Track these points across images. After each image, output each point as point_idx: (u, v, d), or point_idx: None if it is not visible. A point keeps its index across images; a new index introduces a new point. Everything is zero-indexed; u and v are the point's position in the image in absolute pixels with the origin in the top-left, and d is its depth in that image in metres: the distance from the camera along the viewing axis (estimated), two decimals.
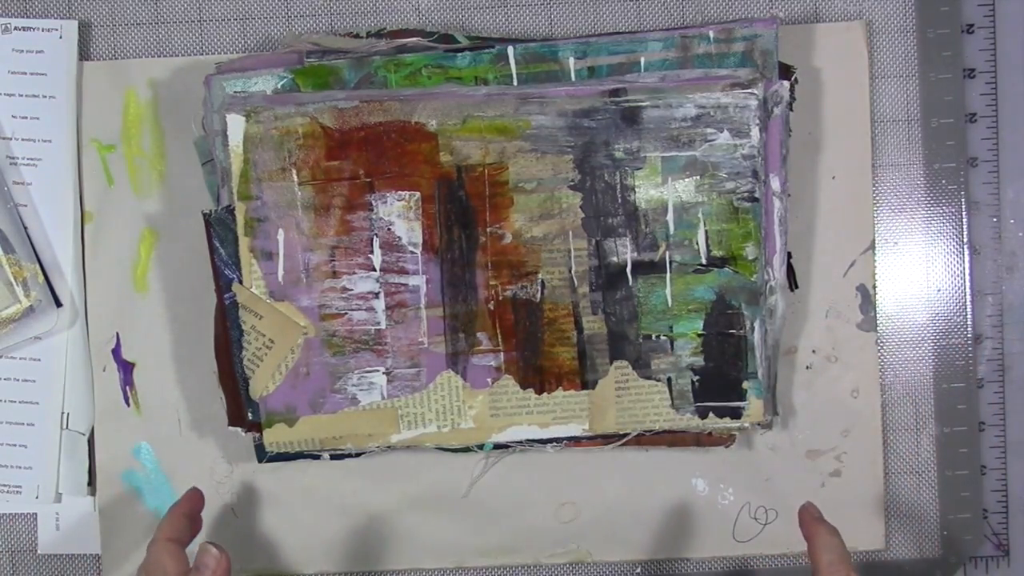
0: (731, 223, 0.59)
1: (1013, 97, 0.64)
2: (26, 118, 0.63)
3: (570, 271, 0.59)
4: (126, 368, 0.64)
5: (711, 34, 0.59)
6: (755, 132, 0.58)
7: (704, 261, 0.59)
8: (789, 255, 0.61)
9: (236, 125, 0.58)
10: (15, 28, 0.63)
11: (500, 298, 0.59)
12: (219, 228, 0.60)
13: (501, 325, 0.60)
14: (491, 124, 0.58)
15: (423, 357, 0.60)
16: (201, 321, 0.63)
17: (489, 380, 0.60)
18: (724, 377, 0.60)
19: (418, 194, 0.59)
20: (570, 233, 0.59)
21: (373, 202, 0.59)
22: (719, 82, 0.58)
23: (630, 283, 0.59)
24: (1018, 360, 0.64)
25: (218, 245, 0.60)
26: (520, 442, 0.61)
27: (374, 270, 0.59)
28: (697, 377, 0.60)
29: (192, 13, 0.64)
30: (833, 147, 0.63)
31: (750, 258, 0.59)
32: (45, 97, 0.63)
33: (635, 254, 0.59)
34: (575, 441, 0.61)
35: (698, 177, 0.58)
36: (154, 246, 0.63)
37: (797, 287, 0.63)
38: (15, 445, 0.63)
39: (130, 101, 0.63)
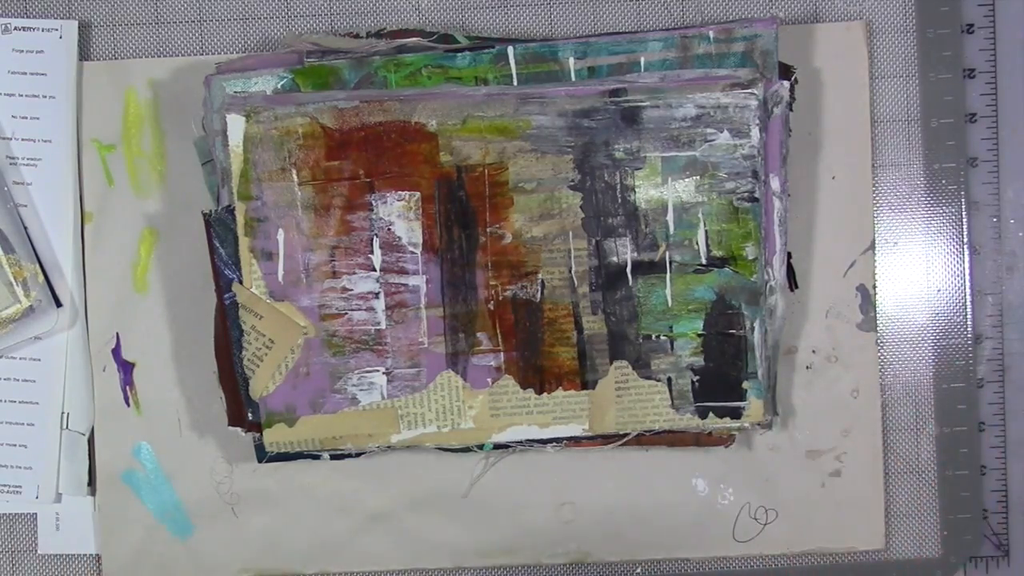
0: (731, 223, 0.59)
1: (1013, 97, 0.64)
2: (26, 118, 0.63)
3: (570, 271, 0.59)
4: (126, 368, 0.64)
5: (711, 34, 0.59)
6: (755, 132, 0.58)
7: (704, 261, 0.59)
8: (789, 255, 0.61)
9: (236, 125, 0.58)
10: (15, 28, 0.63)
11: (500, 298, 0.59)
12: (219, 228, 0.60)
13: (501, 325, 0.59)
14: (491, 124, 0.58)
15: (423, 357, 0.60)
16: (201, 321, 0.63)
17: (489, 380, 0.60)
18: (724, 377, 0.60)
19: (418, 194, 0.59)
20: (570, 233, 0.59)
21: (373, 202, 0.59)
22: (719, 82, 0.58)
23: (630, 283, 0.59)
24: (1018, 360, 0.64)
25: (218, 245, 0.60)
26: (520, 442, 0.61)
27: (374, 270, 0.59)
28: (697, 377, 0.60)
29: (192, 13, 0.64)
30: (833, 147, 0.63)
31: (750, 258, 0.59)
32: (45, 97, 0.63)
33: (635, 254, 0.59)
34: (575, 441, 0.61)
35: (698, 177, 0.58)
36: (154, 246, 0.63)
37: (797, 287, 0.63)
38: (15, 445, 0.63)
39: (130, 101, 0.63)
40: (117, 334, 0.63)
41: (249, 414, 0.61)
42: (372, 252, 0.59)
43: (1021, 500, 0.64)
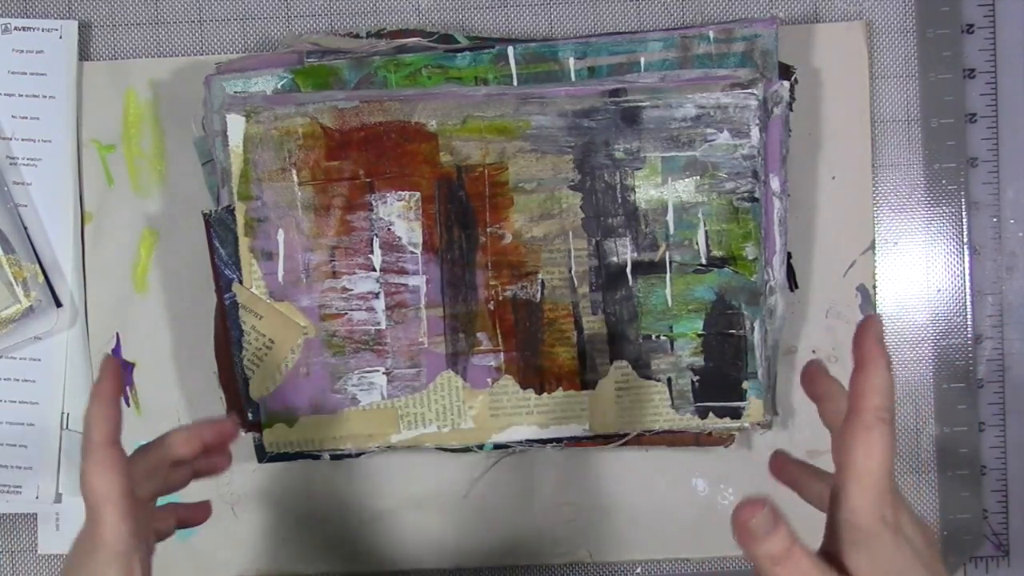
0: (731, 223, 0.59)
1: (1013, 97, 0.64)
2: (26, 118, 0.63)
3: (570, 271, 0.59)
4: (126, 368, 0.64)
5: (711, 34, 0.59)
6: (755, 132, 0.58)
7: (704, 261, 0.59)
8: (789, 255, 0.61)
9: (236, 125, 0.58)
10: (15, 28, 0.63)
11: (500, 298, 0.59)
12: (219, 228, 0.60)
13: (501, 325, 0.59)
14: (491, 124, 0.58)
15: (423, 357, 0.60)
16: (201, 321, 0.63)
17: (489, 380, 0.60)
18: (724, 377, 0.60)
19: (418, 194, 0.59)
20: (570, 233, 0.59)
21: (373, 202, 0.59)
22: (719, 82, 0.58)
23: (630, 283, 0.59)
24: (1018, 360, 0.64)
25: (218, 245, 0.60)
26: (520, 442, 0.61)
27: (374, 270, 0.59)
28: (697, 377, 0.60)
29: (192, 13, 0.64)
30: (833, 147, 0.63)
31: (750, 258, 0.59)
32: (45, 97, 0.63)
33: (635, 254, 0.59)
34: (575, 441, 0.61)
35: (698, 177, 0.58)
36: (154, 246, 0.63)
37: (797, 287, 0.63)
38: (15, 445, 0.63)
39: (130, 101, 0.63)
40: (117, 334, 0.63)
41: (249, 414, 0.61)
42: (372, 252, 0.59)
43: (1021, 500, 0.64)
